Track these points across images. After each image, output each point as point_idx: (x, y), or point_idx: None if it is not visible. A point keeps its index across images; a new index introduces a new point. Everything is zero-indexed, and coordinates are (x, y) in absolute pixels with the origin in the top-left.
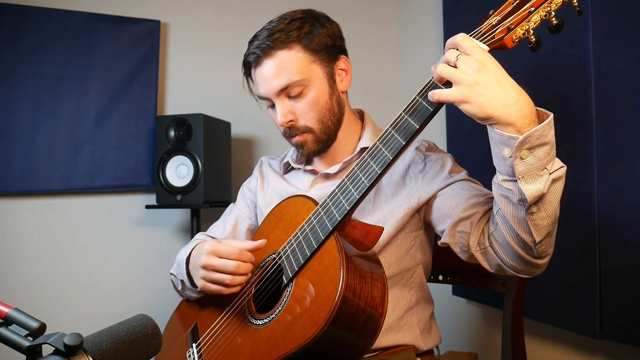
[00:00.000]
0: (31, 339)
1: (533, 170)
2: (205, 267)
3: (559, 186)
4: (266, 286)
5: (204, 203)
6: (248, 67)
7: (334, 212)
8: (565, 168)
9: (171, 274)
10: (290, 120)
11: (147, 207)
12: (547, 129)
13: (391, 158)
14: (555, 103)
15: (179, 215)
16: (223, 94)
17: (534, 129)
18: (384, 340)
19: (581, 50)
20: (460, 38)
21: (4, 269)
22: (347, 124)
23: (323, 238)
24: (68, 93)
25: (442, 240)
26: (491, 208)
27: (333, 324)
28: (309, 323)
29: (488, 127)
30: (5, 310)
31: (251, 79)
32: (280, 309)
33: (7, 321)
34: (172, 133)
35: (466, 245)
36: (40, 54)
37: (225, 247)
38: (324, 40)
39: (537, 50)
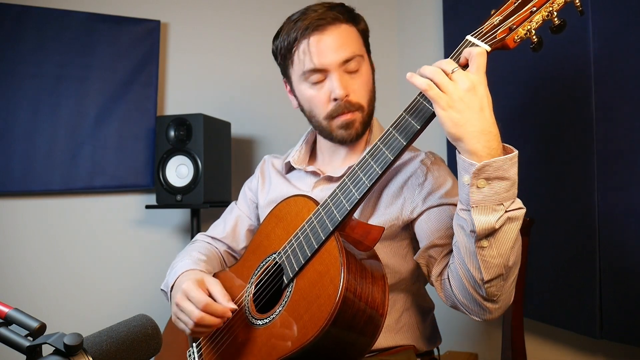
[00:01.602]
0: (31, 339)
1: (488, 203)
2: (177, 305)
3: (514, 227)
4: (266, 286)
5: (204, 203)
6: (301, 38)
7: (335, 212)
8: (524, 211)
9: (162, 289)
10: (347, 95)
11: (147, 207)
12: (507, 162)
13: (392, 158)
14: (555, 103)
15: (179, 215)
16: (223, 94)
17: (493, 160)
18: (384, 341)
19: (581, 50)
20: (479, 53)
21: (4, 269)
22: None
23: (324, 238)
24: (68, 93)
25: (415, 257)
26: None
27: (334, 325)
28: (309, 323)
29: (456, 152)
30: (5, 310)
31: (291, 56)
32: (280, 309)
33: (7, 321)
34: (172, 133)
35: (430, 271)
36: (40, 54)
37: (195, 293)
38: (365, 29)
39: (538, 50)
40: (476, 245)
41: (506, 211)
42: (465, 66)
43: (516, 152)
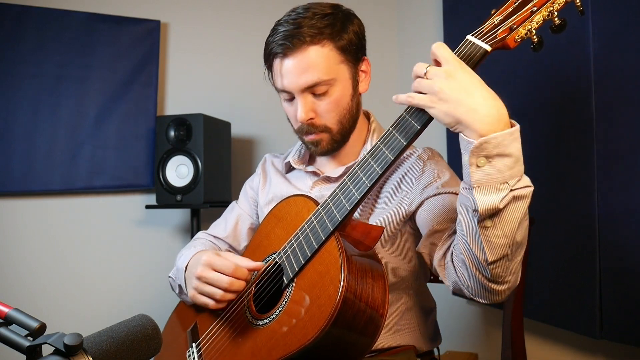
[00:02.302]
0: (31, 339)
1: (491, 182)
2: (199, 278)
3: (521, 205)
4: (266, 286)
5: (204, 203)
6: (271, 56)
7: (335, 212)
8: (531, 189)
9: (169, 277)
10: (311, 118)
11: (147, 207)
12: (507, 138)
13: (392, 158)
14: (555, 103)
15: (179, 215)
16: (223, 94)
17: (491, 136)
18: (384, 341)
19: (581, 50)
20: (436, 46)
21: (4, 269)
22: (357, 126)
23: (324, 238)
24: (68, 93)
25: (417, 248)
26: None
27: (334, 325)
28: (310, 324)
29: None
30: (5, 310)
31: (271, 68)
32: (280, 309)
33: (7, 321)
34: (172, 133)
35: (432, 257)
36: (40, 54)
37: (221, 261)
38: (353, 38)
39: (539, 50)
40: (479, 225)
41: (511, 190)
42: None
43: (517, 126)
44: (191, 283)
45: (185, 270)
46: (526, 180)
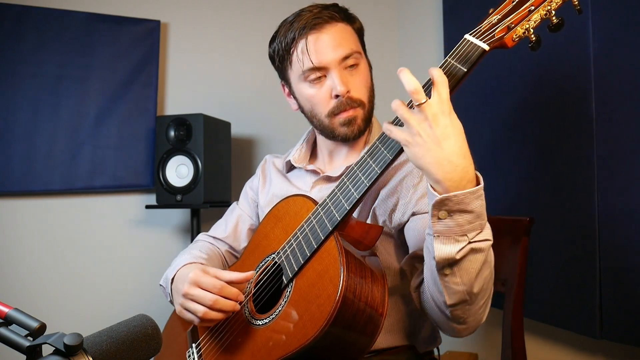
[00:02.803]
0: (31, 339)
1: (451, 234)
2: (184, 296)
3: (479, 257)
4: (266, 286)
5: (204, 203)
6: (298, 38)
7: (334, 212)
8: (490, 242)
9: (160, 285)
10: (348, 91)
11: (147, 207)
12: (469, 196)
13: (391, 158)
14: (555, 103)
15: (179, 215)
16: (223, 94)
17: (453, 194)
18: (384, 341)
19: (581, 50)
20: (441, 81)
21: (4, 269)
22: None
23: (323, 238)
24: (68, 93)
25: (400, 264)
26: None
27: (334, 325)
28: (309, 323)
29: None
30: (5, 310)
31: (290, 56)
32: (280, 309)
33: (7, 321)
34: (172, 133)
35: (409, 280)
36: (40, 54)
37: (208, 279)
38: (361, 28)
39: (537, 49)
40: (438, 272)
41: (470, 242)
42: None
43: (481, 185)
44: (177, 299)
45: (172, 283)
46: (486, 234)
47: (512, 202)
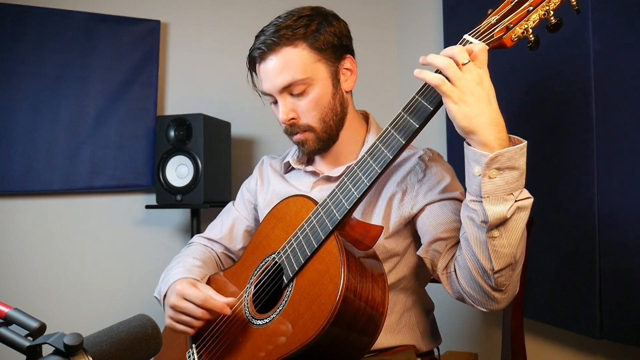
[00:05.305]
0: (31, 339)
1: (499, 193)
2: (173, 308)
3: (523, 216)
4: (266, 286)
5: (204, 203)
6: (253, 62)
7: (334, 211)
8: (532, 200)
9: (155, 296)
10: (292, 118)
11: (147, 207)
12: (518, 152)
13: (391, 157)
14: (555, 103)
15: (179, 215)
16: (223, 94)
17: (505, 149)
18: (384, 341)
19: (581, 50)
20: (481, 50)
21: (4, 269)
22: (350, 125)
23: (323, 237)
24: (68, 93)
25: (418, 252)
26: None
27: (334, 324)
28: (310, 323)
29: (465, 145)
30: (5, 310)
31: (256, 74)
32: (280, 309)
33: (7, 321)
34: (172, 133)
35: (435, 265)
36: (40, 54)
37: (192, 291)
38: (330, 38)
39: (535, 49)
40: (487, 236)
41: (516, 200)
42: None
43: (525, 142)
44: (167, 312)
45: (164, 298)
46: (527, 193)
47: None
